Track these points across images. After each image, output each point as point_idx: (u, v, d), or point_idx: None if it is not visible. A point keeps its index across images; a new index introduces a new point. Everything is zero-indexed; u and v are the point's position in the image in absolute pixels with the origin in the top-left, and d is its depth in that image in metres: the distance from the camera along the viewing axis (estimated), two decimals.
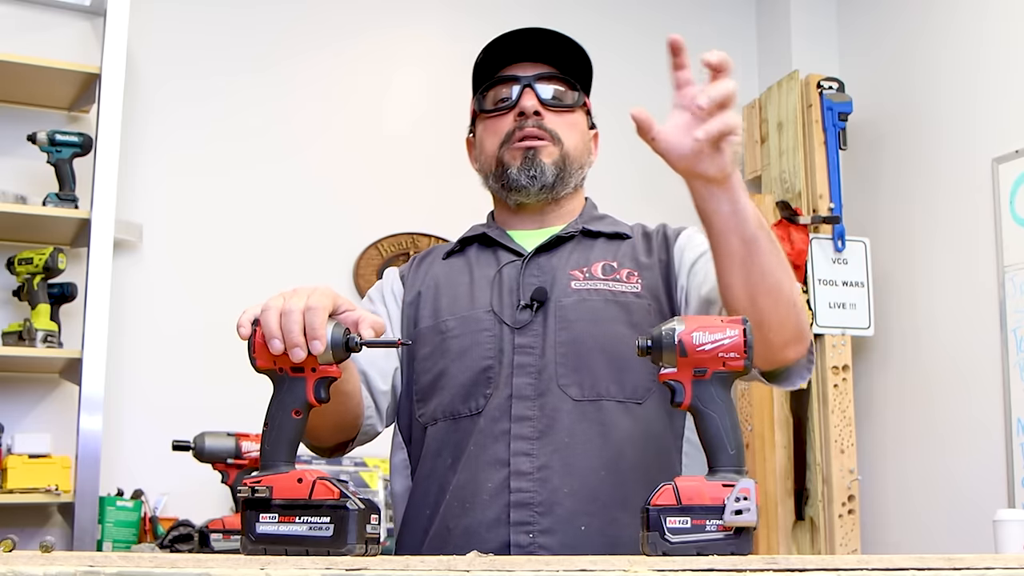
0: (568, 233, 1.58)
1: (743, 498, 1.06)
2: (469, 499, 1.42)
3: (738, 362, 1.12)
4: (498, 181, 1.62)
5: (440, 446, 1.49)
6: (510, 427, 1.43)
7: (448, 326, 1.53)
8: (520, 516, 1.39)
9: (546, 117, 1.59)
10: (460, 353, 1.50)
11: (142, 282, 3.19)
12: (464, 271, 1.60)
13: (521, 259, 1.56)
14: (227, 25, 3.44)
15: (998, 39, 3.29)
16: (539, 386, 1.45)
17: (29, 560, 0.91)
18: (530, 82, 1.60)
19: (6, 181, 3.01)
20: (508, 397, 1.45)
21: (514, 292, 1.52)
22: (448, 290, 1.58)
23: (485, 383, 1.47)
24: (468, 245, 1.65)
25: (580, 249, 1.57)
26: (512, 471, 1.41)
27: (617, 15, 3.89)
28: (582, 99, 1.64)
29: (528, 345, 1.48)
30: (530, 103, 1.58)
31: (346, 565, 0.88)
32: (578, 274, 1.53)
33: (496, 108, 1.64)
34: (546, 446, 1.42)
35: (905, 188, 3.62)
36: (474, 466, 1.44)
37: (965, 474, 3.28)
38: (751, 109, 3.96)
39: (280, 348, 1.10)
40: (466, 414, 1.47)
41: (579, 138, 1.62)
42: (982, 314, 3.26)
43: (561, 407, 1.44)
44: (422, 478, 1.51)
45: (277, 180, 3.40)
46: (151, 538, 2.86)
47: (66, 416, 2.93)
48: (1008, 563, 0.95)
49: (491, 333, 1.50)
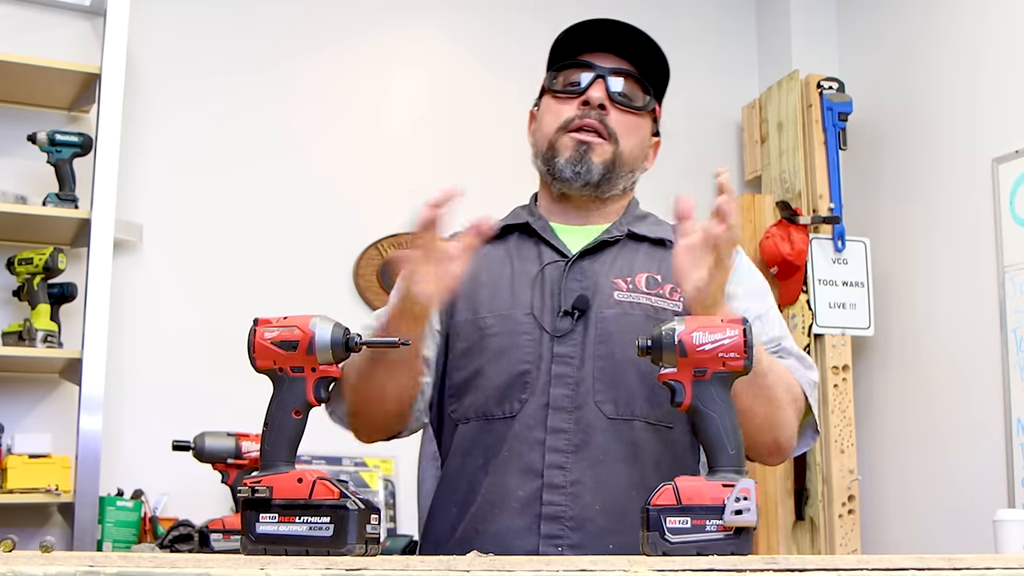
0: (613, 237, 1.56)
1: (743, 498, 1.07)
2: (499, 504, 1.42)
3: (738, 362, 1.12)
4: (545, 164, 1.58)
5: (471, 445, 1.48)
6: (545, 438, 1.43)
7: (487, 323, 1.51)
8: (550, 529, 1.40)
9: (610, 113, 1.55)
10: (498, 353, 1.48)
11: (142, 282, 3.19)
12: (505, 263, 1.56)
13: (564, 260, 1.53)
14: (227, 25, 3.44)
15: (998, 39, 3.29)
16: (576, 399, 1.44)
17: (29, 560, 0.91)
18: (604, 74, 1.56)
19: (6, 181, 3.01)
20: (544, 406, 1.44)
21: (555, 296, 1.50)
22: (488, 282, 1.54)
23: (521, 387, 1.46)
24: (509, 232, 1.60)
25: (624, 254, 1.55)
26: (545, 483, 1.41)
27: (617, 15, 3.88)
28: (652, 104, 1.61)
29: (567, 355, 1.46)
30: (597, 95, 1.55)
31: (346, 565, 0.88)
32: (621, 283, 1.51)
33: (563, 91, 1.59)
34: (580, 461, 1.42)
35: (905, 188, 3.62)
36: (506, 471, 1.43)
37: (965, 474, 3.28)
38: (751, 109, 3.96)
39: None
40: (499, 416, 1.46)
41: (638, 142, 1.59)
42: (982, 314, 3.26)
43: (596, 424, 1.44)
44: (451, 474, 1.50)
45: (277, 180, 3.40)
46: (151, 538, 2.86)
47: (66, 416, 2.93)
48: (1008, 563, 0.95)
49: (531, 337, 1.48)
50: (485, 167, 3.44)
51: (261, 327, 1.14)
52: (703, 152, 3.97)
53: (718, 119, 4.00)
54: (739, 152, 4.02)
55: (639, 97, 1.58)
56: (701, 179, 4.08)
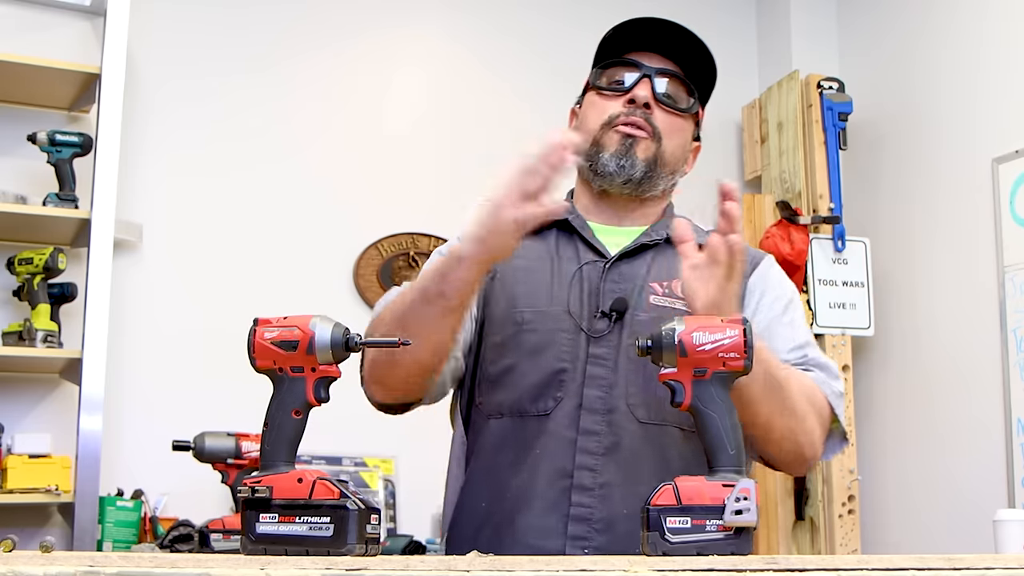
0: (652, 240, 1.56)
1: (743, 498, 1.07)
2: (527, 502, 1.42)
3: (738, 362, 1.12)
4: (588, 160, 1.57)
5: (502, 442, 1.48)
6: (576, 438, 1.43)
7: (524, 318, 1.50)
8: (577, 530, 1.40)
9: (655, 112, 1.55)
10: (534, 350, 1.48)
11: (142, 282, 3.19)
12: (545, 259, 1.55)
13: (603, 261, 1.53)
14: (227, 25, 3.44)
15: (998, 39, 3.29)
16: (608, 401, 1.44)
17: (29, 560, 0.91)
18: (651, 73, 1.56)
19: (6, 181, 3.01)
20: (577, 407, 1.44)
21: (593, 297, 1.50)
22: (527, 277, 1.54)
23: (557, 386, 1.46)
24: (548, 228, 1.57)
25: (662, 258, 1.54)
26: (575, 484, 1.41)
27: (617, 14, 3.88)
28: (696, 107, 1.62)
29: (602, 356, 1.46)
30: (643, 93, 1.55)
31: (346, 565, 0.88)
32: (658, 288, 1.51)
33: (609, 88, 1.58)
34: (610, 463, 1.42)
35: (905, 188, 3.62)
36: (536, 470, 1.43)
37: (965, 474, 3.28)
38: (751, 109, 3.96)
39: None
40: (533, 414, 1.46)
41: (680, 143, 1.59)
42: (982, 314, 3.26)
43: (627, 426, 1.44)
44: (480, 470, 1.50)
45: (277, 180, 3.40)
46: (151, 538, 2.86)
47: (66, 416, 2.93)
48: (1008, 563, 0.95)
49: (568, 335, 1.48)
50: (485, 167, 3.44)
51: (261, 327, 1.14)
52: (703, 152, 3.97)
53: (718, 119, 3.99)
54: (739, 152, 4.02)
55: (684, 99, 1.59)
56: (701, 179, 4.09)
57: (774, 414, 1.39)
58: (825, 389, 1.49)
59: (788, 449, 1.44)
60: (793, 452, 1.45)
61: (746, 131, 3.96)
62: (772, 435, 1.41)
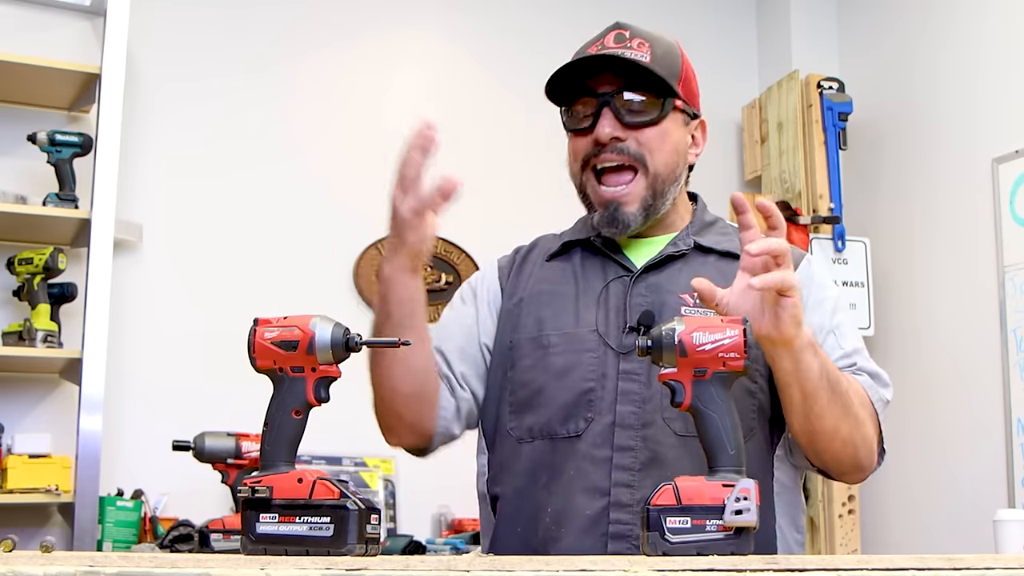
0: (679, 251, 1.52)
1: (743, 498, 1.07)
2: (565, 523, 1.41)
3: (738, 362, 1.12)
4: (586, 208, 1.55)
5: (535, 466, 1.46)
6: (612, 455, 1.41)
7: (551, 341, 1.48)
8: (617, 548, 1.38)
9: (628, 139, 1.48)
10: (561, 372, 1.46)
11: (142, 282, 3.18)
12: (570, 281, 1.54)
13: (629, 275, 1.50)
14: (227, 25, 3.44)
15: (998, 39, 3.29)
16: (643, 416, 1.42)
17: (29, 560, 0.91)
18: (608, 100, 1.48)
19: (6, 181, 3.01)
20: (611, 424, 1.42)
21: (620, 313, 1.47)
22: (552, 300, 1.52)
23: (586, 406, 1.44)
24: (571, 248, 1.58)
25: (690, 268, 1.49)
26: (612, 502, 1.39)
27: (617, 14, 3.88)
28: (670, 103, 1.51)
29: (634, 372, 1.44)
30: (607, 131, 1.47)
31: (346, 565, 0.88)
32: (688, 299, 1.47)
33: (576, 128, 1.52)
34: (647, 479, 1.39)
35: (905, 188, 3.62)
36: (571, 490, 1.42)
37: (965, 474, 3.28)
38: (751, 109, 3.96)
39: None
40: (564, 435, 1.44)
41: (671, 149, 1.52)
42: (982, 314, 3.26)
43: (664, 440, 1.41)
44: (513, 496, 1.48)
45: (277, 180, 3.40)
46: (151, 538, 2.86)
47: (66, 416, 2.93)
48: (1008, 563, 0.95)
49: (595, 355, 1.46)
50: (485, 167, 3.44)
51: (261, 327, 1.14)
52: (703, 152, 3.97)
53: (718, 119, 3.99)
54: (739, 152, 4.02)
55: (653, 105, 1.50)
56: (700, 179, 4.09)
57: (839, 420, 1.37)
58: (872, 395, 1.46)
59: (849, 455, 1.42)
60: (852, 459, 1.43)
61: (746, 131, 3.97)
62: (835, 443, 1.39)
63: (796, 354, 1.31)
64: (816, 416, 1.36)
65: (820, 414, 1.36)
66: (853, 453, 1.42)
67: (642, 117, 1.49)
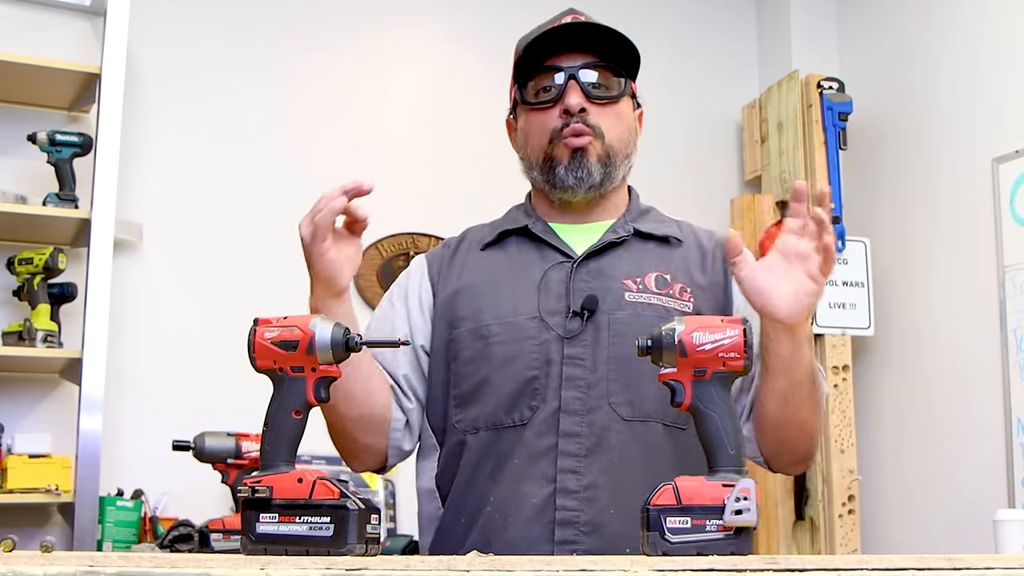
0: (620, 237, 1.53)
1: (743, 498, 1.06)
2: (512, 513, 1.40)
3: (738, 362, 1.12)
4: (544, 175, 1.55)
5: (481, 456, 1.46)
6: (557, 442, 1.41)
7: (491, 331, 1.48)
8: (564, 535, 1.38)
9: (591, 112, 1.52)
10: (504, 361, 1.46)
11: (142, 282, 3.18)
12: (505, 269, 1.54)
13: (570, 262, 1.51)
14: (227, 25, 3.44)
15: (998, 39, 3.29)
16: (588, 401, 1.42)
17: (29, 560, 0.91)
18: (574, 73, 1.52)
19: (6, 181, 3.01)
20: (556, 411, 1.42)
21: (562, 298, 1.47)
22: (489, 289, 1.52)
23: (531, 394, 1.44)
24: (506, 236, 1.59)
25: (631, 254, 1.52)
26: (558, 488, 1.39)
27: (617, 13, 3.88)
28: (628, 86, 1.57)
29: (578, 357, 1.44)
30: (575, 101, 1.51)
31: (346, 565, 0.88)
32: (631, 284, 1.48)
33: (539, 101, 1.55)
34: (594, 464, 1.40)
35: (905, 188, 3.62)
36: (517, 480, 1.41)
37: (965, 474, 3.28)
38: (751, 109, 3.96)
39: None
40: (509, 425, 1.44)
41: (624, 129, 1.56)
42: (982, 314, 3.26)
43: (611, 426, 1.42)
44: (459, 487, 1.48)
45: (277, 180, 3.40)
46: (151, 538, 2.86)
47: (66, 416, 2.93)
48: (1008, 563, 0.95)
49: (536, 342, 1.45)
50: (485, 167, 3.44)
51: (261, 327, 1.14)
52: (703, 152, 3.97)
53: (718, 119, 4.00)
54: (739, 152, 4.02)
55: (614, 85, 1.55)
56: (701, 178, 4.10)
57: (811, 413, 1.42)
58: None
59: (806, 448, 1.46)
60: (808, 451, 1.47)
61: (746, 131, 3.97)
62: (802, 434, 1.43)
63: (797, 341, 1.34)
64: (795, 406, 1.39)
65: (799, 404, 1.39)
66: (810, 446, 1.47)
67: (604, 93, 1.54)
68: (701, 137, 3.94)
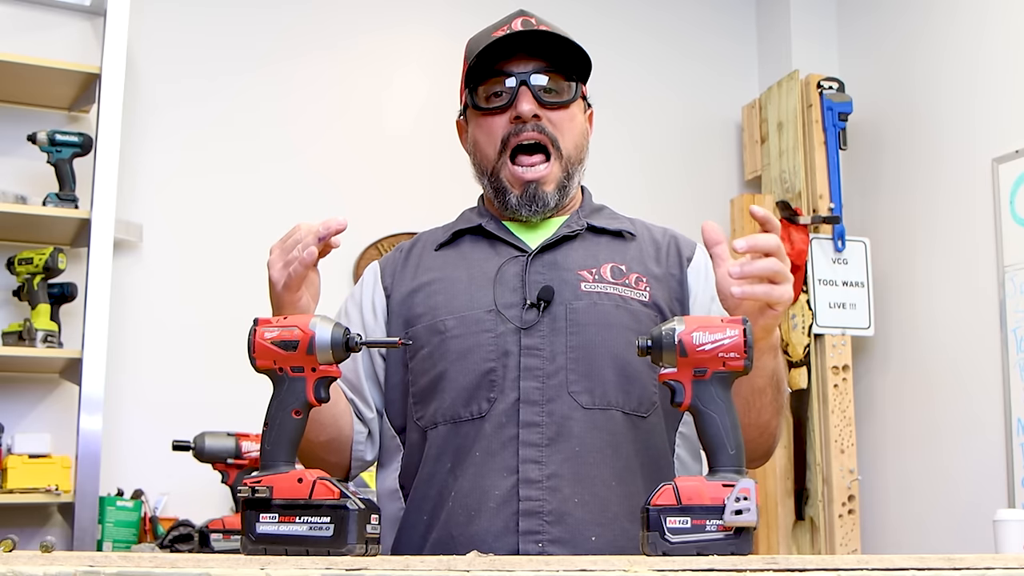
0: (573, 231, 1.53)
1: (743, 498, 1.06)
2: (475, 507, 1.40)
3: (738, 362, 1.12)
4: (494, 192, 1.55)
5: (440, 451, 1.45)
6: (518, 432, 1.41)
7: (447, 326, 1.48)
8: (529, 525, 1.37)
9: (543, 118, 1.50)
10: (460, 355, 1.46)
11: (142, 282, 3.19)
12: (460, 266, 1.54)
13: (524, 256, 1.51)
14: (227, 25, 3.44)
15: (998, 39, 3.29)
16: (547, 391, 1.42)
17: (29, 560, 0.91)
18: (526, 78, 1.49)
19: (6, 181, 3.01)
20: (515, 401, 1.42)
21: (518, 290, 1.47)
22: (444, 286, 1.52)
23: (488, 387, 1.44)
24: (460, 236, 1.59)
25: (586, 247, 1.53)
26: (521, 479, 1.39)
27: (617, 13, 3.89)
28: (579, 89, 1.55)
29: (535, 347, 1.44)
30: (527, 108, 1.49)
31: (346, 565, 0.88)
32: (587, 275, 1.49)
33: (490, 106, 1.53)
34: (556, 454, 1.39)
35: (905, 188, 3.62)
36: (479, 472, 1.41)
37: (965, 474, 3.28)
38: (751, 109, 3.96)
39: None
40: (468, 418, 1.44)
41: (578, 133, 1.55)
42: (982, 314, 3.26)
43: (571, 415, 1.42)
44: (420, 483, 1.47)
45: (277, 180, 3.40)
46: (151, 538, 2.86)
47: (66, 416, 2.93)
48: (1008, 563, 0.95)
49: (493, 334, 1.45)
50: None
51: (261, 327, 1.14)
52: (703, 152, 3.97)
53: (718, 119, 4.00)
54: (739, 152, 4.02)
55: (565, 88, 1.53)
56: (701, 178, 4.10)
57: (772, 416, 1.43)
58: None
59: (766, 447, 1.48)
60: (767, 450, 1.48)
61: (746, 131, 3.97)
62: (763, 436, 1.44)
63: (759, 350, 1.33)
64: (756, 411, 1.41)
65: (760, 409, 1.41)
66: (771, 446, 1.48)
67: (555, 98, 1.52)
68: (701, 137, 3.94)
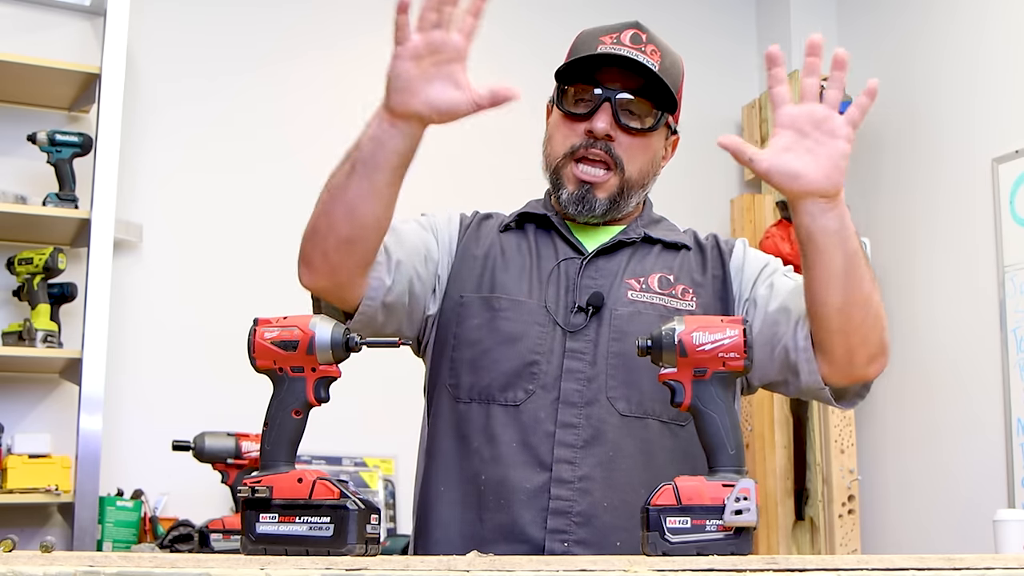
0: (630, 239, 1.55)
1: (743, 498, 1.07)
2: (505, 496, 1.42)
3: (738, 362, 1.12)
4: (553, 187, 1.57)
5: (470, 429, 1.46)
6: (555, 431, 1.43)
7: (501, 304, 1.50)
8: (557, 524, 1.40)
9: (616, 140, 1.50)
10: (509, 338, 1.47)
11: (142, 282, 3.18)
12: (524, 252, 1.56)
13: (580, 258, 1.53)
14: (227, 25, 3.44)
15: (998, 39, 3.29)
16: (587, 394, 1.44)
17: (29, 560, 0.91)
18: (611, 97, 1.50)
19: (6, 181, 3.01)
20: (555, 400, 1.44)
21: (570, 292, 1.50)
22: (507, 266, 1.54)
23: (529, 378, 1.45)
24: (526, 222, 1.60)
25: (638, 256, 1.55)
26: (553, 477, 1.41)
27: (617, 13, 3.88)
28: (663, 119, 1.54)
29: (579, 350, 1.46)
30: (602, 125, 1.49)
31: (346, 565, 0.88)
32: (634, 283, 1.51)
33: (571, 112, 1.52)
34: (589, 457, 1.42)
35: (905, 188, 3.62)
36: (512, 463, 1.43)
37: (965, 474, 3.28)
38: (751, 109, 3.96)
39: None
40: (502, 403, 1.46)
41: (647, 160, 1.54)
42: (982, 314, 3.26)
43: (608, 419, 1.43)
44: (446, 455, 1.48)
45: (277, 180, 3.39)
46: (151, 538, 2.86)
47: (66, 416, 2.93)
48: (1008, 563, 0.95)
49: (543, 328, 1.47)
50: (486, 167, 3.44)
51: (261, 327, 1.14)
52: (703, 152, 3.96)
53: (718, 119, 3.99)
54: None
55: (648, 116, 1.52)
56: (701, 178, 4.09)
57: (871, 286, 1.37)
58: None
59: (878, 335, 1.39)
60: (880, 339, 1.40)
61: (746, 131, 3.96)
62: (868, 316, 1.36)
63: (842, 210, 1.35)
64: (857, 280, 1.35)
65: (861, 277, 1.36)
66: (882, 332, 1.40)
67: (636, 124, 1.52)
68: (701, 137, 3.93)
